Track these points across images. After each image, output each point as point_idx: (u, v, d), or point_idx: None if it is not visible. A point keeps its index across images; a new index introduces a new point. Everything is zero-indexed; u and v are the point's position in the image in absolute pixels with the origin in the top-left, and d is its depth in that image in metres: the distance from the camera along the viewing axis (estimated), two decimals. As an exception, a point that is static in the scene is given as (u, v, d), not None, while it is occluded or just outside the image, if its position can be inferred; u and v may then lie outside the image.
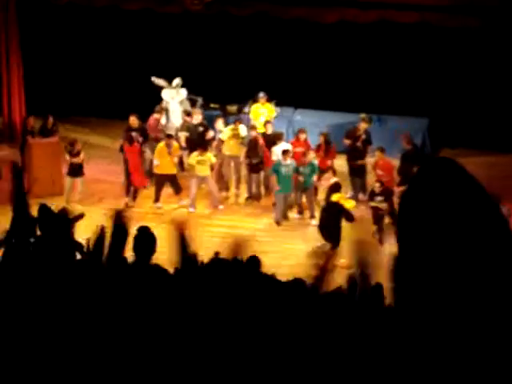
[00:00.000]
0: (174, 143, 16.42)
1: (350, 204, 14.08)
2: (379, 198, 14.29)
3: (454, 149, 19.30)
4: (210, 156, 16.23)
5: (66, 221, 4.43)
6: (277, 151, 16.28)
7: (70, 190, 16.10)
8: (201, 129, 17.34)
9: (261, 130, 17.21)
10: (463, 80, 19.14)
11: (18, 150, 16.94)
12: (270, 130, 17.01)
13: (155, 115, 17.80)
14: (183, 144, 17.15)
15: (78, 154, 16.05)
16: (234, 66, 20.26)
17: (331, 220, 13.67)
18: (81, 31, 21.34)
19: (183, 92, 18.79)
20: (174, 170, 16.30)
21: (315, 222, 15.18)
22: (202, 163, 16.00)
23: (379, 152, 15.76)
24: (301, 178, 15.44)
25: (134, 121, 16.97)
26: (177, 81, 18.76)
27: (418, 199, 2.46)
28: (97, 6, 18.32)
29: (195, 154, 16.21)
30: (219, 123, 17.31)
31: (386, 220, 14.28)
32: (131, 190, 16.32)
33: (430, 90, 19.41)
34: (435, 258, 2.40)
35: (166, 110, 18.35)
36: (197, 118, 17.55)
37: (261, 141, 16.58)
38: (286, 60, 20.09)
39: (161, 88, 18.67)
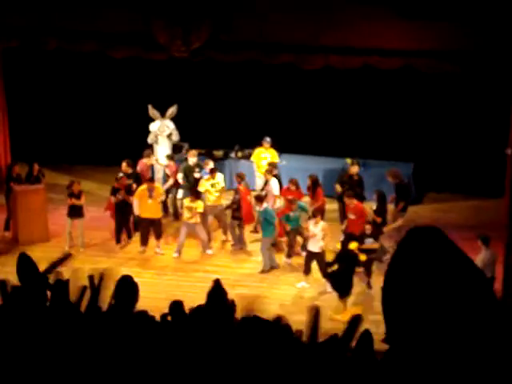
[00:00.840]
0: (157, 187, 16.22)
1: (362, 256, 13.77)
2: (370, 240, 14.13)
3: (439, 193, 19.44)
4: (201, 204, 16.01)
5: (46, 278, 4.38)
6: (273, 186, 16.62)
7: (70, 232, 16.00)
8: (197, 170, 17.41)
9: (261, 173, 17.30)
10: (447, 125, 19.30)
11: (4, 196, 16.89)
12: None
13: (144, 160, 17.82)
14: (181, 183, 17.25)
15: (78, 196, 15.97)
16: (219, 111, 20.38)
17: (345, 269, 13.35)
18: (67, 77, 21.45)
19: (170, 125, 18.91)
20: (156, 215, 16.04)
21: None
22: (191, 210, 15.86)
23: (347, 197, 15.40)
24: (287, 227, 15.42)
25: (126, 167, 16.97)
26: (172, 109, 18.91)
27: (404, 269, 2.52)
28: (84, 51, 18.41)
29: (187, 200, 16.12)
30: (210, 165, 17.35)
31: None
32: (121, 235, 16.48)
33: (415, 135, 19.56)
34: (421, 323, 2.47)
35: (152, 146, 18.62)
36: (192, 159, 17.58)
37: (244, 194, 16.54)
38: (271, 105, 20.25)
39: (152, 120, 18.78)
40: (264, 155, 18.37)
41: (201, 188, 16.61)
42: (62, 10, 16.62)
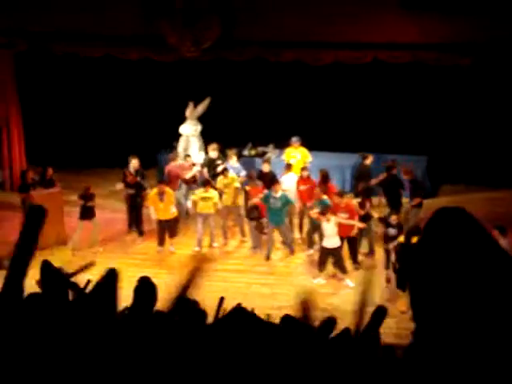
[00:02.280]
0: (167, 190, 16.09)
1: None
2: (393, 231, 14.00)
3: (454, 185, 19.39)
4: (215, 194, 16.02)
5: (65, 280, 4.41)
6: (285, 180, 16.45)
7: (80, 234, 16.06)
8: (219, 162, 17.47)
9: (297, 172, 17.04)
10: (461, 117, 19.26)
11: (20, 202, 16.97)
12: (266, 169, 16.98)
13: (172, 163, 17.79)
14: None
15: (91, 198, 16.07)
16: (230, 109, 20.42)
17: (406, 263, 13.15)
18: (76, 81, 21.56)
19: (199, 124, 19.00)
20: (168, 216, 15.97)
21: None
22: (205, 200, 15.87)
23: (337, 196, 15.06)
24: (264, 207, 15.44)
25: (135, 163, 17.08)
26: (201, 107, 18.98)
27: (431, 250, 2.50)
28: (96, 55, 18.50)
29: (200, 190, 16.09)
30: (233, 160, 17.37)
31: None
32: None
33: (428, 128, 19.53)
34: (447, 304, 2.47)
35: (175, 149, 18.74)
36: (213, 153, 17.65)
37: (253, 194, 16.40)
38: (283, 103, 20.27)
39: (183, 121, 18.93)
40: (294, 154, 18.25)
41: (218, 184, 16.61)
42: (71, 13, 16.71)
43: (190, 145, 18.93)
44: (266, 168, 16.96)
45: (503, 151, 18.76)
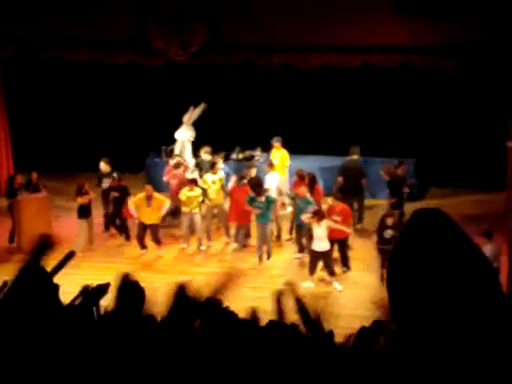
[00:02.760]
0: (156, 195, 16.00)
1: None
2: (391, 232, 13.99)
3: (441, 188, 19.44)
4: (199, 192, 16.14)
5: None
6: (268, 179, 16.72)
7: (83, 235, 16.03)
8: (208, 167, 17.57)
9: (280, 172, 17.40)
10: (448, 120, 19.31)
11: (7, 207, 16.89)
12: (253, 174, 17.00)
13: (176, 172, 17.71)
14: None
15: (86, 194, 16.05)
16: (219, 112, 20.36)
17: None
18: (63, 85, 21.51)
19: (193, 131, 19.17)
20: (154, 220, 15.91)
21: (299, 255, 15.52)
22: (190, 199, 15.98)
23: (333, 199, 15.18)
24: (252, 211, 15.62)
25: (104, 166, 17.10)
26: (195, 112, 19.07)
27: (408, 251, 2.50)
28: (82, 59, 18.46)
29: (185, 189, 16.12)
30: (220, 163, 17.43)
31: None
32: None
33: (416, 131, 19.57)
34: (425, 307, 2.46)
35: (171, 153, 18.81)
36: (206, 156, 17.78)
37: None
38: (271, 106, 20.26)
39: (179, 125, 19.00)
40: (275, 155, 18.46)
41: (203, 184, 16.66)
42: (57, 18, 16.64)
43: (185, 149, 18.94)
44: (252, 172, 16.98)
45: (490, 154, 18.79)
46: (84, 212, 16.00)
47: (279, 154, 18.41)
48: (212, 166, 16.90)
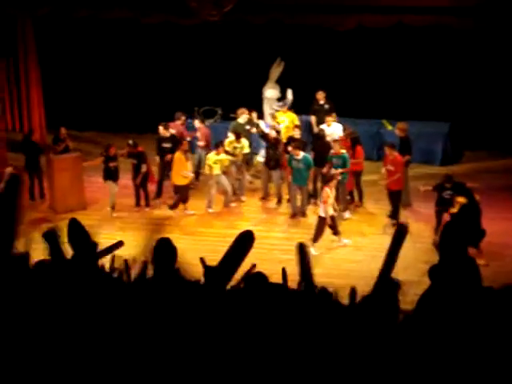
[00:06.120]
0: (177, 156, 16.06)
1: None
2: (449, 192, 13.65)
3: (475, 151, 19.20)
4: (225, 157, 16.28)
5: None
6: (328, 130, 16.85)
7: (114, 195, 16.05)
8: (247, 127, 17.53)
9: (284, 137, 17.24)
10: (483, 83, 19.02)
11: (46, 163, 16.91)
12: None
13: (178, 122, 17.79)
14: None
15: (115, 158, 16.04)
16: (250, 73, 20.15)
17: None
18: (97, 45, 21.50)
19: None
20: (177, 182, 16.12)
21: (348, 215, 15.54)
22: (218, 163, 16.10)
23: (388, 148, 15.36)
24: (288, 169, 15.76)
25: (163, 130, 16.98)
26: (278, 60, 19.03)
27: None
28: (118, 16, 18.48)
29: (212, 153, 16.23)
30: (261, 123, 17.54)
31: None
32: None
33: (451, 94, 19.32)
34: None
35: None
36: (244, 117, 17.62)
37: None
38: (303, 67, 20.00)
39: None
40: (282, 119, 18.27)
41: (227, 147, 16.70)
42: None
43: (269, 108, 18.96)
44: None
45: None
46: (109, 174, 15.97)
47: (287, 117, 18.21)
48: (236, 137, 16.85)
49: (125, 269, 4.47)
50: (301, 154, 15.48)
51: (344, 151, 15.52)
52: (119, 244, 4.75)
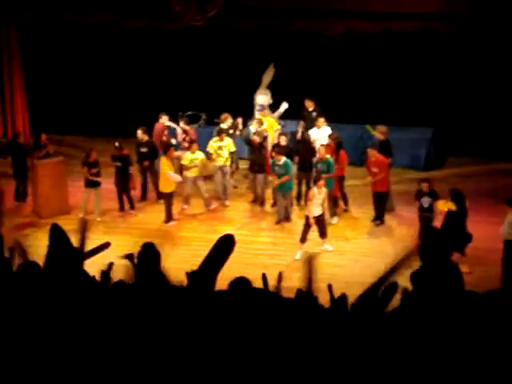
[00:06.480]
0: (163, 162, 15.97)
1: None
2: (427, 199, 13.79)
3: (459, 157, 19.26)
4: (200, 157, 16.34)
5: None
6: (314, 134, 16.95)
7: (87, 202, 15.99)
8: (231, 131, 17.60)
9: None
10: (468, 88, 19.10)
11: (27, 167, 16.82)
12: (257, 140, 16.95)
13: (161, 121, 17.76)
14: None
15: (95, 165, 15.95)
16: (234, 80, 20.16)
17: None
18: (80, 49, 21.47)
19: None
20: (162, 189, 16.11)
21: (336, 220, 15.55)
22: (194, 161, 16.19)
23: (370, 149, 15.49)
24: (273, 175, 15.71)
25: (141, 134, 16.90)
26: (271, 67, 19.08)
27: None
28: (102, 21, 18.43)
29: (188, 153, 16.32)
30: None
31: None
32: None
33: (435, 99, 19.37)
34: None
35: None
36: (227, 122, 17.72)
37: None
38: (289, 73, 19.99)
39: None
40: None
41: (209, 149, 16.77)
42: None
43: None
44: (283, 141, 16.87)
45: (510, 123, 18.62)
46: (90, 182, 15.86)
47: (266, 121, 18.15)
48: (219, 135, 16.89)
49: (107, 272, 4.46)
50: (282, 160, 15.47)
51: (328, 156, 15.55)
52: (106, 245, 4.74)
